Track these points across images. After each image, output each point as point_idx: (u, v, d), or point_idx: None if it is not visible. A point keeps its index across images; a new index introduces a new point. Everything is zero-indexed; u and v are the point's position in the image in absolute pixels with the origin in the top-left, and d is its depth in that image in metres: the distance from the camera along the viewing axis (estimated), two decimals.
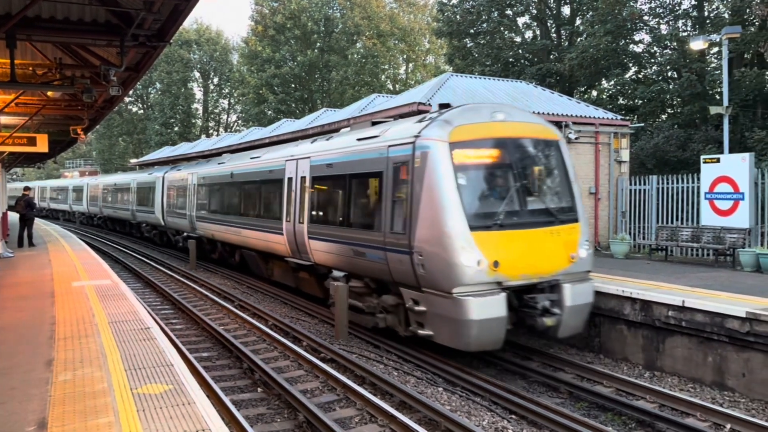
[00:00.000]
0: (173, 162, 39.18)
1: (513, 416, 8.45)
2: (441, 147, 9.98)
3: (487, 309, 9.45)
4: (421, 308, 10.21)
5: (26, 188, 22.93)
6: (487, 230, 9.78)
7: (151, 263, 24.95)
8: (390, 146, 11.21)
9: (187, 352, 10.78)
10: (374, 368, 10.15)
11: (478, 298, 9.44)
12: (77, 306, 10.04)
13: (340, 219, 13.05)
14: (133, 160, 61.77)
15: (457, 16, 39.33)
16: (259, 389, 9.51)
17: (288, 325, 13.29)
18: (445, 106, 11.43)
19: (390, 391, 9.05)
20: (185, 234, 26.18)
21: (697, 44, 21.12)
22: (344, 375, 9.78)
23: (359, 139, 12.62)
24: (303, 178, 14.74)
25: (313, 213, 14.22)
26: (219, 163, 22.58)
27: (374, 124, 13.44)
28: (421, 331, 10.36)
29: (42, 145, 17.34)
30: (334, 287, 12.63)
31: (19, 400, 5.67)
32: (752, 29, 26.62)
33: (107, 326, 8.56)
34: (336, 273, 13.11)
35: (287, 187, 15.58)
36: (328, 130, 21.26)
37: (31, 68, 12.65)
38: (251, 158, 19.19)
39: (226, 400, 8.31)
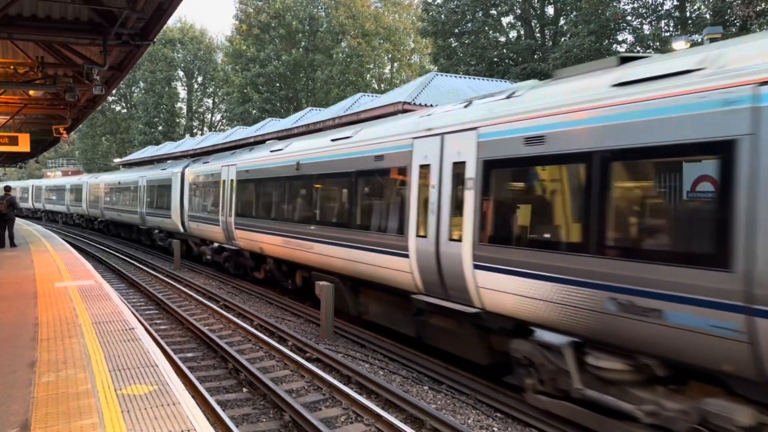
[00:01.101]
0: (159, 161, 38.68)
1: (498, 414, 8.51)
2: None
3: None
4: None
5: (7, 188, 22.66)
6: None
7: (135, 263, 24.77)
8: None
9: (171, 353, 10.74)
10: (360, 367, 10.17)
11: None
12: (60, 307, 9.95)
13: (572, 239, 7.33)
14: (117, 160, 61.30)
15: (442, 16, 39.56)
16: (245, 389, 9.49)
17: (273, 325, 13.25)
18: None
19: (376, 390, 9.06)
20: (216, 245, 20.94)
21: (679, 44, 21.35)
22: (330, 374, 9.79)
23: (620, 84, 6.79)
24: (457, 166, 9.23)
25: (486, 226, 8.62)
26: (272, 151, 16.90)
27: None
28: None
29: (24, 144, 17.21)
30: (320, 287, 12.42)
31: (1, 402, 5.61)
32: (733, 29, 26.97)
33: (91, 327, 8.50)
34: (546, 335, 7.65)
35: (418, 180, 10.21)
36: (313, 129, 21.25)
37: (12, 67, 12.56)
38: (333, 140, 13.51)
39: (212, 400, 8.30)
